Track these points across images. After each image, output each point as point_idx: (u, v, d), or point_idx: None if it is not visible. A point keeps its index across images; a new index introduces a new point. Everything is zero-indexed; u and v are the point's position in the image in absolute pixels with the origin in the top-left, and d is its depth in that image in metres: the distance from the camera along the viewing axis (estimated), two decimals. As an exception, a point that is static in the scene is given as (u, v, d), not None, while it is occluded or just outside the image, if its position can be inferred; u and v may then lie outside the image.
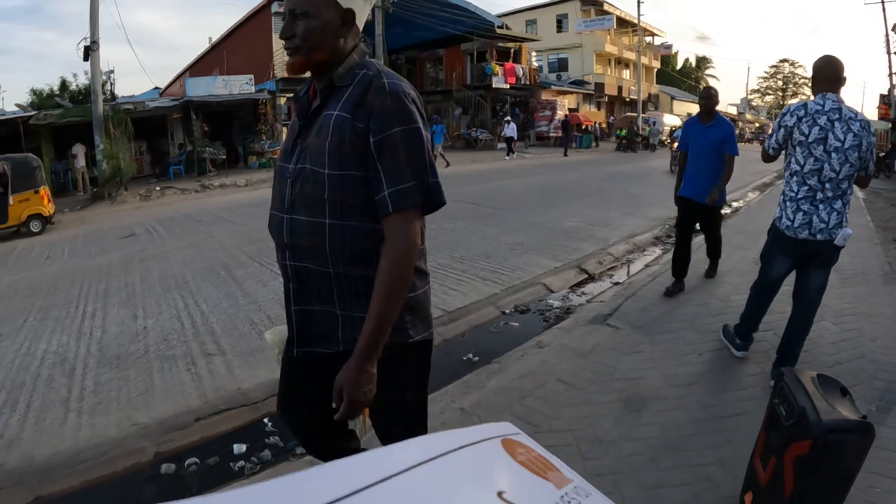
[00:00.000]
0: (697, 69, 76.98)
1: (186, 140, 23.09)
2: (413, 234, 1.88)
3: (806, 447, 2.49)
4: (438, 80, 37.20)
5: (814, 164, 3.99)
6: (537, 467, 1.15)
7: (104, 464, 3.79)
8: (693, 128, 6.73)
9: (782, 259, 4.38)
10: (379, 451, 1.09)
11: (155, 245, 10.55)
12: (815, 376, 2.76)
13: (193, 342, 5.67)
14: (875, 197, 16.64)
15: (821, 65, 4.06)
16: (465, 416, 4.01)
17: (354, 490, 0.85)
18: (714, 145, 6.38)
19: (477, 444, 1.15)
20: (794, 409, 2.59)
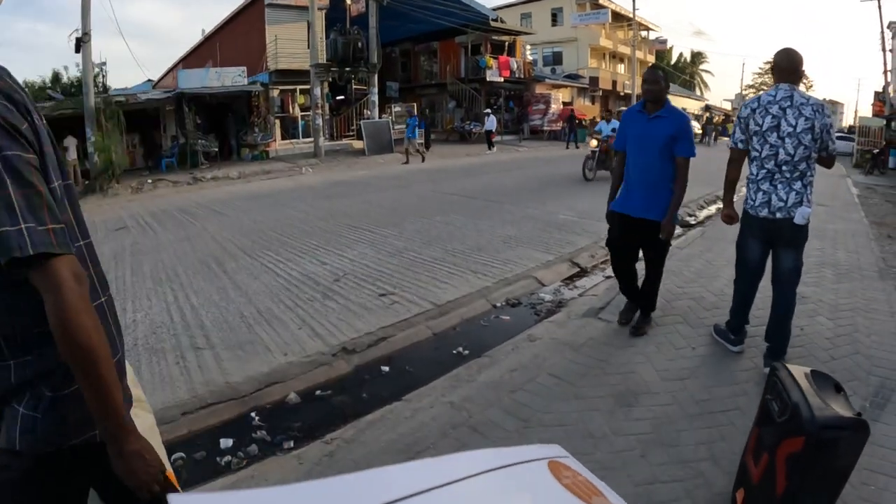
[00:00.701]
0: (692, 64, 76.84)
1: (179, 132, 22.96)
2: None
3: (799, 444, 2.47)
4: (433, 72, 37.07)
5: (769, 150, 4.29)
6: (582, 492, 1.13)
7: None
8: (633, 120, 5.13)
9: (753, 241, 4.60)
10: (427, 461, 1.08)
11: (147, 238, 10.48)
12: (808, 372, 2.73)
13: (183, 335, 5.62)
14: (870, 193, 16.68)
15: (779, 58, 4.36)
16: (455, 409, 3.99)
17: (399, 498, 0.84)
18: (661, 144, 4.84)
19: (523, 464, 1.14)
20: (787, 406, 2.57)
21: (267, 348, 5.24)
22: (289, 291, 6.82)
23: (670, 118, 4.89)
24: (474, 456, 1.14)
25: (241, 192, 16.52)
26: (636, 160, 5.04)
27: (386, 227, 10.22)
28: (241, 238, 9.83)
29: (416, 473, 0.95)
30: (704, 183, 16.95)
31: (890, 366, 4.53)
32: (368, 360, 5.16)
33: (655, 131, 4.88)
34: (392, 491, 0.84)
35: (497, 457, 1.10)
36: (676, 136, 4.84)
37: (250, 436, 4.02)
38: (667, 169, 4.90)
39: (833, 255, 8.04)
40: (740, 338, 4.85)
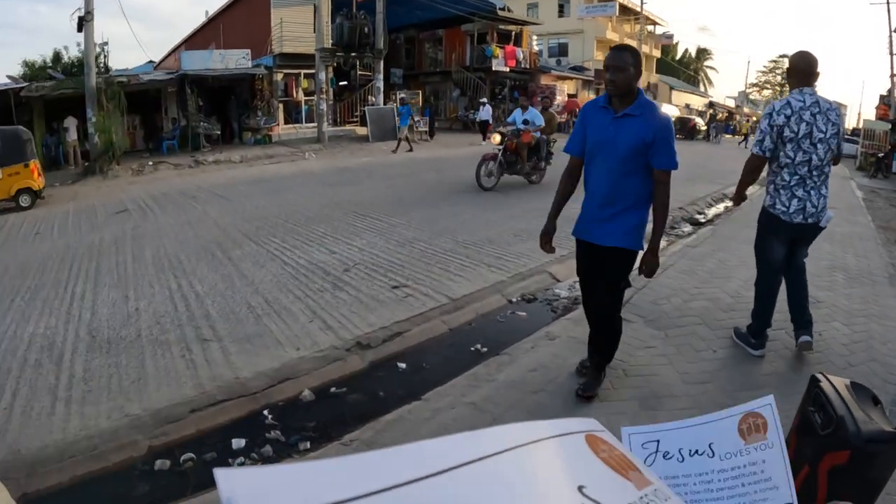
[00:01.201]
0: (697, 60, 76.75)
1: (181, 115, 22.70)
2: None
3: (844, 458, 2.29)
4: (437, 60, 36.78)
5: (803, 157, 4.29)
6: (619, 466, 1.00)
7: (95, 458, 3.56)
8: (595, 118, 3.83)
9: (779, 244, 4.61)
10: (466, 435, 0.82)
11: (148, 222, 10.27)
12: (848, 384, 2.61)
13: (188, 326, 5.41)
14: (874, 196, 16.64)
15: (797, 60, 4.42)
16: (477, 411, 3.84)
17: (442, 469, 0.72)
18: (630, 151, 3.63)
19: (562, 436, 0.97)
20: (831, 419, 2.44)
21: (277, 341, 5.04)
22: (297, 281, 6.62)
23: (644, 117, 3.59)
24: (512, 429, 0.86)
25: (243, 176, 16.28)
26: (598, 171, 3.81)
27: (393, 216, 10.01)
28: (244, 224, 9.62)
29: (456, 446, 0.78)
30: (710, 181, 16.98)
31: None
32: (383, 356, 4.98)
33: (624, 134, 3.62)
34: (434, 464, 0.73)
35: (535, 430, 0.90)
36: (653, 141, 3.58)
37: (263, 435, 3.83)
38: (635, 184, 3.73)
39: (843, 258, 7.95)
40: (761, 342, 4.74)
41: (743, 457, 1.00)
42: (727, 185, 16.45)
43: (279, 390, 4.32)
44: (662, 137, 3.59)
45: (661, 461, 1.00)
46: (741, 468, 0.98)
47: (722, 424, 1.05)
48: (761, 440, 1.04)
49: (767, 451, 1.02)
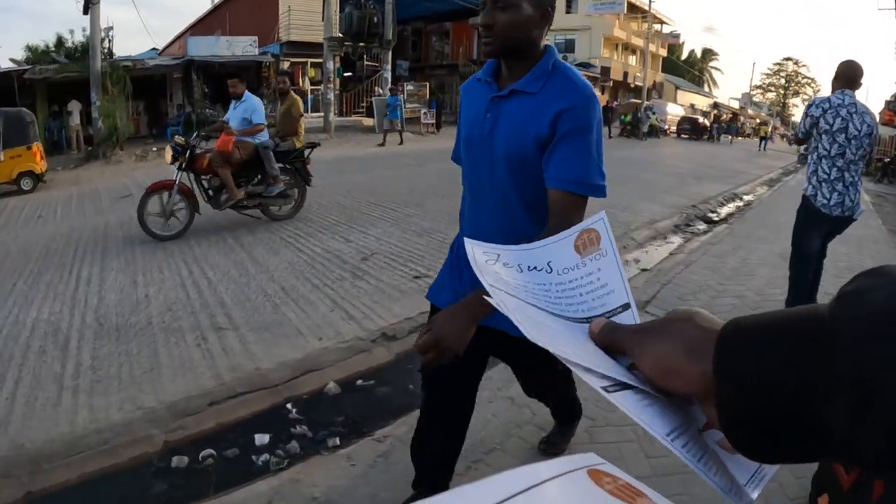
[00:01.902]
0: (702, 60, 76.89)
1: (186, 101, 22.48)
2: None
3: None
4: (444, 53, 36.63)
5: (838, 150, 4.65)
6: (626, 496, 0.93)
7: (105, 453, 3.27)
8: (473, 100, 2.14)
9: (817, 234, 5.01)
10: (462, 489, 0.82)
11: (154, 208, 9.96)
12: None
13: (202, 314, 5.13)
14: (882, 201, 16.88)
15: (845, 67, 4.74)
16: (516, 406, 3.65)
17: None
18: (519, 150, 1.94)
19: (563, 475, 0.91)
20: None
21: (298, 331, 4.77)
22: (313, 269, 6.36)
23: (547, 95, 1.93)
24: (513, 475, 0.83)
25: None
26: (475, 192, 2.23)
27: (408, 206, 9.79)
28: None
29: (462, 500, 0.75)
30: (720, 180, 16.90)
31: None
32: (410, 348, 4.65)
33: (509, 123, 1.99)
34: None
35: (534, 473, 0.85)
36: (557, 131, 1.89)
37: (289, 431, 3.57)
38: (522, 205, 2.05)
39: (860, 260, 7.98)
40: None
41: (579, 269, 0.97)
42: (738, 184, 16.39)
43: (302, 382, 4.06)
44: (571, 129, 1.89)
45: (500, 266, 0.96)
46: (579, 280, 0.96)
47: (559, 245, 0.99)
48: (596, 251, 0.99)
49: (602, 259, 0.97)
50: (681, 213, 11.04)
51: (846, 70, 4.73)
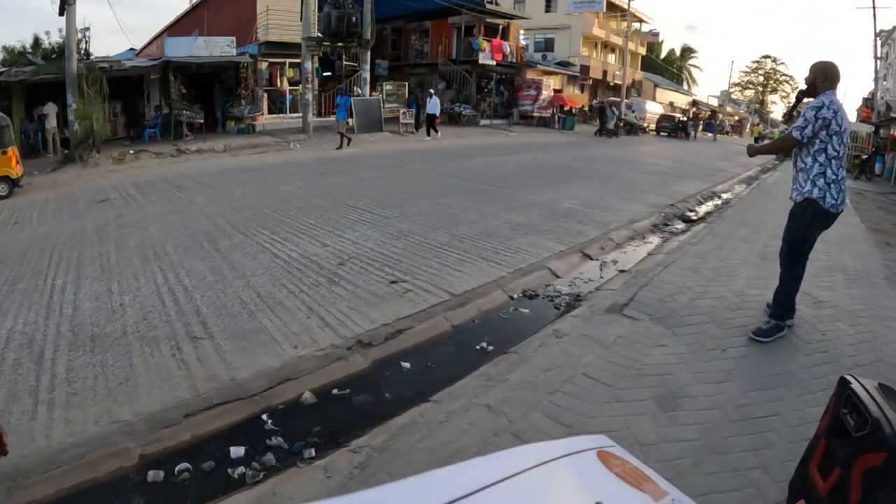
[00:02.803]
0: (681, 58, 77.39)
1: (163, 102, 22.33)
2: None
3: (880, 459, 2.41)
4: (423, 52, 36.62)
5: (843, 150, 4.68)
6: (634, 479, 1.16)
7: (83, 468, 3.26)
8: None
9: (817, 234, 5.07)
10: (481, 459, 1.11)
11: (131, 211, 9.93)
12: (877, 385, 2.70)
13: (177, 322, 5.11)
14: (860, 198, 16.95)
15: (831, 68, 4.76)
16: (493, 414, 3.67)
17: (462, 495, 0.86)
18: None
19: (574, 454, 1.18)
20: (866, 421, 2.50)
21: (273, 339, 4.77)
22: (290, 275, 6.35)
23: None
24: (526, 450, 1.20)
25: (228, 165, 15.94)
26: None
27: (386, 208, 9.79)
28: (232, 213, 9.31)
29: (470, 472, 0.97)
30: (701, 178, 17.02)
31: None
32: (387, 355, 4.75)
33: None
34: (455, 490, 0.87)
35: (548, 450, 1.14)
36: None
37: (264, 442, 3.57)
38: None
39: (840, 259, 8.02)
40: (792, 313, 5.20)
41: None
42: (716, 182, 16.51)
43: (279, 392, 4.06)
44: None
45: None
46: None
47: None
48: None
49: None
50: (660, 212, 11.08)
51: (833, 70, 4.73)
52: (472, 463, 1.06)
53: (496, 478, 0.96)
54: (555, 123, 36.45)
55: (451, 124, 31.41)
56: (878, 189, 21.11)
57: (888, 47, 45.35)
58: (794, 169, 4.94)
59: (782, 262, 5.10)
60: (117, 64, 21.33)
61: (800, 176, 4.82)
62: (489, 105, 34.67)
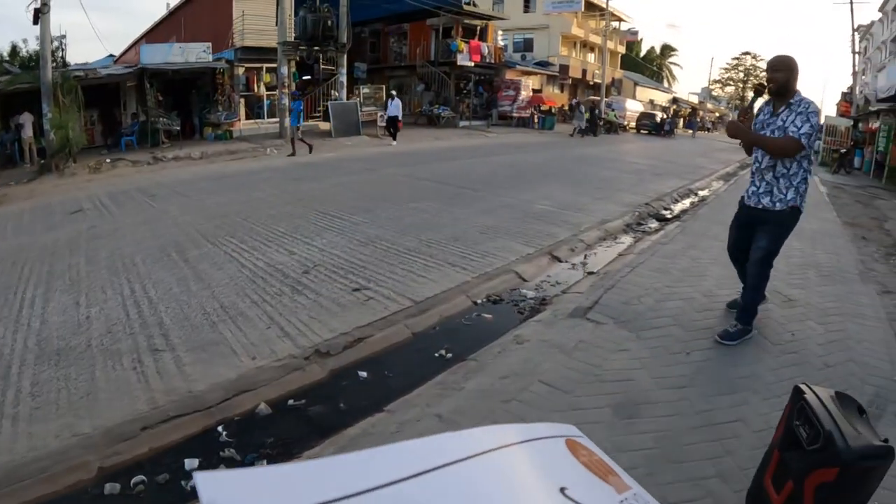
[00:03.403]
0: (661, 56, 77.67)
1: (140, 110, 22.23)
2: None
3: (832, 475, 2.37)
4: (402, 54, 36.63)
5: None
6: (599, 470, 1.18)
7: (44, 482, 3.32)
8: None
9: None
10: (451, 434, 1.09)
11: (104, 222, 9.92)
12: (833, 395, 2.65)
13: (140, 335, 5.15)
14: (838, 192, 17.12)
15: (797, 66, 4.61)
16: (444, 423, 3.67)
17: (426, 469, 0.87)
18: None
19: (542, 439, 1.19)
20: (818, 434, 2.45)
21: (233, 350, 4.81)
22: (255, 284, 6.39)
23: None
24: (494, 431, 1.14)
25: (204, 172, 15.89)
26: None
27: (357, 214, 9.80)
28: (203, 222, 9.32)
29: (440, 447, 0.97)
30: (679, 176, 17.12)
31: (883, 374, 4.51)
32: (345, 364, 4.77)
33: None
34: (418, 464, 0.87)
35: (517, 433, 1.13)
36: None
37: (218, 454, 3.63)
38: None
39: (813, 256, 8.03)
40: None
41: None
42: (694, 179, 16.62)
43: (235, 403, 4.11)
44: None
45: None
46: None
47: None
48: None
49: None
50: (633, 211, 11.14)
51: (797, 66, 4.62)
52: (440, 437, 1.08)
53: (465, 454, 0.97)
54: (534, 123, 36.53)
55: (430, 126, 31.46)
56: (857, 182, 21.30)
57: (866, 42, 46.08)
58: (771, 173, 4.70)
59: (758, 271, 4.89)
60: (93, 72, 21.24)
61: (780, 182, 4.64)
62: (468, 106, 34.71)
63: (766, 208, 4.74)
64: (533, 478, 1.03)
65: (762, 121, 4.77)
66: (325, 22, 23.62)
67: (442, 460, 0.92)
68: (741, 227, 5.11)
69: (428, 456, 0.92)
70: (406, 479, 0.84)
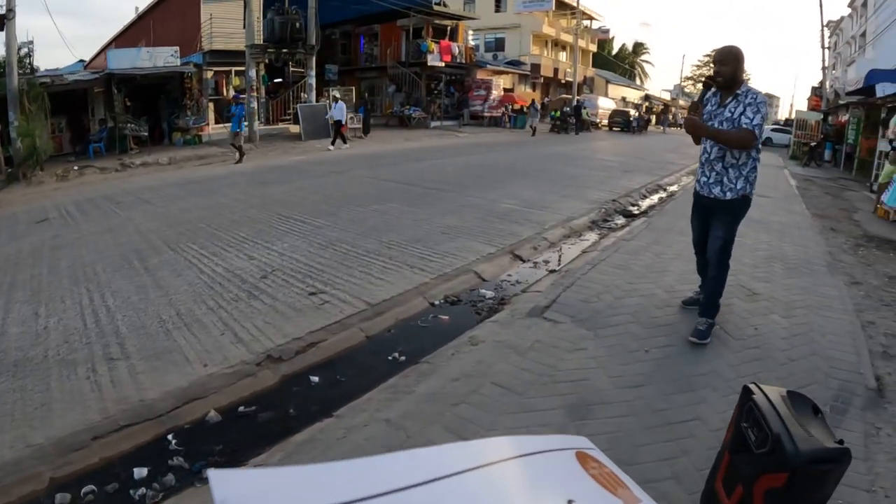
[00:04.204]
0: (633, 54, 78.10)
1: (108, 116, 22.04)
2: None
3: (781, 480, 2.31)
4: (373, 56, 36.58)
5: None
6: (609, 483, 1.18)
7: None
8: None
9: None
10: (462, 444, 1.13)
11: (68, 231, 9.85)
12: (784, 394, 2.57)
13: (96, 344, 5.15)
14: (808, 185, 17.25)
15: (743, 57, 4.66)
16: (392, 428, 3.67)
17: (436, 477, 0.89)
18: None
19: (552, 451, 1.21)
20: (766, 437, 2.39)
21: (186, 358, 4.81)
22: (212, 290, 6.38)
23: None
24: (504, 442, 1.18)
25: (171, 178, 15.79)
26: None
27: (320, 217, 9.80)
28: (166, 229, 9.29)
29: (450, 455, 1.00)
30: (649, 172, 17.23)
31: (848, 367, 4.51)
32: (297, 370, 4.78)
33: None
34: (428, 472, 0.89)
35: (526, 444, 1.15)
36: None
37: (167, 463, 3.65)
38: None
39: (780, 248, 8.11)
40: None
41: None
42: (663, 175, 16.74)
43: (186, 411, 4.12)
44: None
45: None
46: None
47: None
48: None
49: None
50: (600, 208, 11.19)
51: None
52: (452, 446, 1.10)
53: (474, 464, 0.98)
54: (506, 123, 36.65)
55: (401, 127, 31.49)
56: (827, 175, 21.58)
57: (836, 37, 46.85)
58: (721, 164, 4.73)
59: (719, 261, 4.91)
60: (59, 78, 21.05)
61: (730, 172, 4.68)
62: (439, 107, 34.76)
63: (716, 198, 4.79)
64: (541, 489, 1.06)
65: (710, 111, 4.79)
66: (293, 24, 23.55)
67: (452, 469, 0.93)
68: (701, 218, 5.15)
69: (438, 464, 0.94)
70: (415, 486, 0.86)
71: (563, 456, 1.22)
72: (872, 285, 6.87)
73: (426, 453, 1.00)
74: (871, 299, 6.35)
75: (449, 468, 0.93)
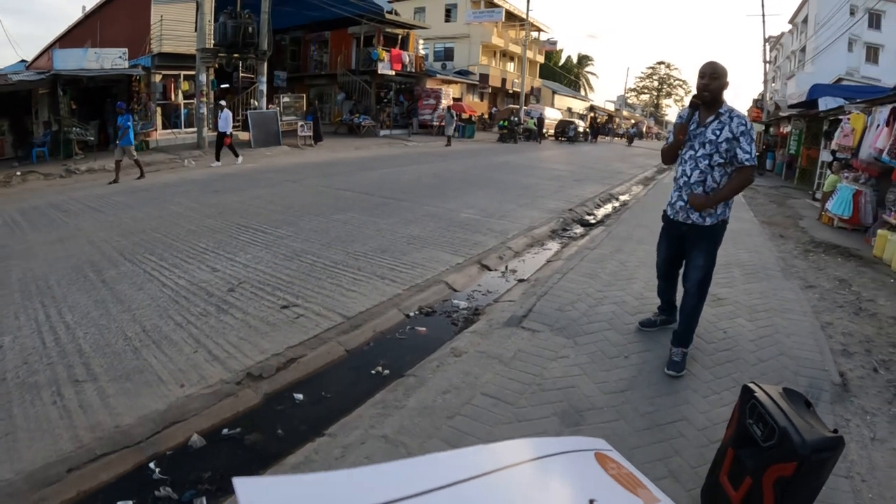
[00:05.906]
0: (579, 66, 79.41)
1: (52, 119, 21.27)
2: None
3: (790, 469, 2.50)
4: (322, 63, 36.36)
5: None
6: (628, 483, 1.20)
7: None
8: None
9: None
10: (483, 447, 1.11)
11: (15, 241, 9.32)
12: (781, 391, 2.79)
13: (59, 364, 4.79)
14: (753, 193, 17.75)
15: (727, 73, 4.41)
16: (390, 444, 3.57)
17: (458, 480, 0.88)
18: None
19: (572, 453, 1.21)
20: (773, 431, 2.58)
21: (159, 378, 4.52)
22: (178, 304, 6.09)
23: None
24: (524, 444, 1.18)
25: (118, 185, 15.30)
26: None
27: (280, 227, 9.59)
28: (119, 239, 8.90)
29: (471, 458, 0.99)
30: (599, 181, 17.47)
31: (813, 365, 4.82)
32: (279, 387, 4.59)
33: None
34: (450, 475, 0.89)
35: (547, 446, 1.17)
36: None
37: (152, 494, 3.38)
38: None
39: (736, 255, 8.38)
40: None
41: None
42: (614, 185, 16.98)
43: (166, 437, 3.86)
44: None
45: None
46: None
47: None
48: None
49: None
50: (558, 217, 11.30)
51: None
52: (469, 450, 1.09)
53: (496, 466, 0.98)
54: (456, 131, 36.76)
55: (351, 136, 31.37)
56: (770, 183, 22.29)
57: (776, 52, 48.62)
58: (701, 188, 4.43)
59: (699, 292, 4.60)
60: (3, 78, 20.22)
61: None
62: (388, 115, 34.67)
63: (695, 224, 4.50)
64: (562, 490, 1.08)
65: (690, 132, 4.50)
66: (245, 28, 23.15)
67: (474, 472, 0.94)
68: (672, 242, 4.87)
69: (460, 467, 0.95)
70: (438, 489, 0.86)
71: (583, 457, 1.25)
72: (825, 288, 7.24)
73: (448, 457, 1.01)
74: (825, 301, 6.73)
75: (473, 470, 0.95)
